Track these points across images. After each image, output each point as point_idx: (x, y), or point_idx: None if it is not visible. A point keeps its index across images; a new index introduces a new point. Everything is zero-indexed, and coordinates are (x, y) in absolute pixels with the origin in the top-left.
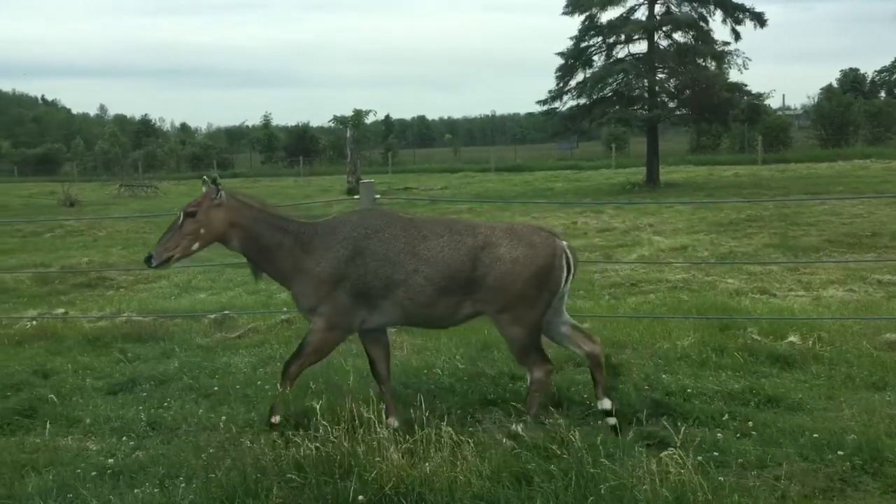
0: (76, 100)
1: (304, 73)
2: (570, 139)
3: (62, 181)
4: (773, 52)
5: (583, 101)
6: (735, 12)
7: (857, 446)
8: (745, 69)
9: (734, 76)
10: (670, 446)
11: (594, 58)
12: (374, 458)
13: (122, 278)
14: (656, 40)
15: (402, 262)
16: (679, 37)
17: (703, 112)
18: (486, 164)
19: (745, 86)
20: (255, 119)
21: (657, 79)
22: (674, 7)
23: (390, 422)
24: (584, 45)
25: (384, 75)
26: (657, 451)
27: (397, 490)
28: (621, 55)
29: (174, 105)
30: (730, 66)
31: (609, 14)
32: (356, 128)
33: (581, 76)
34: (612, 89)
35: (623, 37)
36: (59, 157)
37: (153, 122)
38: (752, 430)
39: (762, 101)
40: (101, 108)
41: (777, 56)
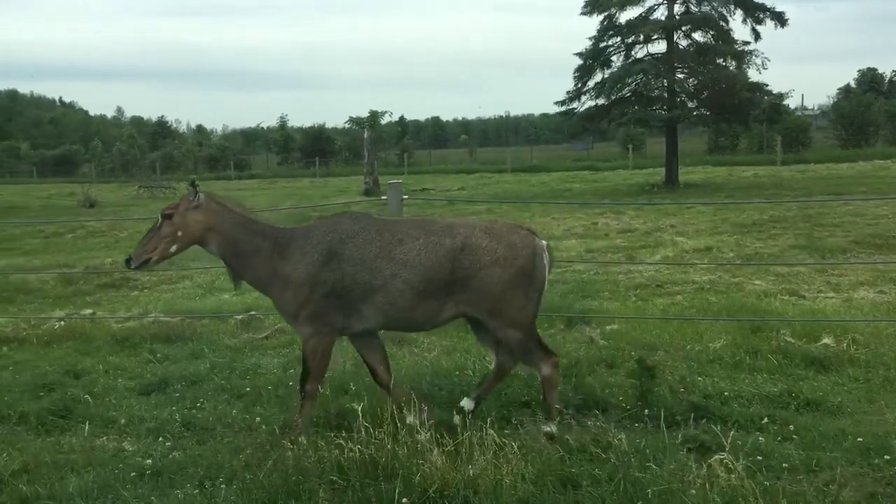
0: (93, 101)
1: (318, 74)
2: (586, 140)
3: (81, 182)
4: (788, 52)
5: (601, 102)
6: (755, 12)
7: None
8: (765, 69)
9: (753, 76)
10: (712, 450)
11: (612, 58)
12: (417, 461)
13: (146, 279)
14: (675, 40)
15: (379, 267)
16: (699, 36)
17: (724, 112)
18: (503, 164)
19: (766, 85)
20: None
21: (676, 79)
22: (693, 7)
23: (410, 420)
24: (602, 45)
25: (398, 76)
26: (699, 454)
27: (441, 493)
28: (640, 55)
29: (190, 107)
30: (749, 66)
31: (628, 14)
32: (372, 129)
33: (599, 76)
34: (630, 90)
35: (642, 37)
36: (77, 159)
37: (169, 123)
38: (794, 434)
39: (783, 102)
40: (118, 109)
41: (792, 56)
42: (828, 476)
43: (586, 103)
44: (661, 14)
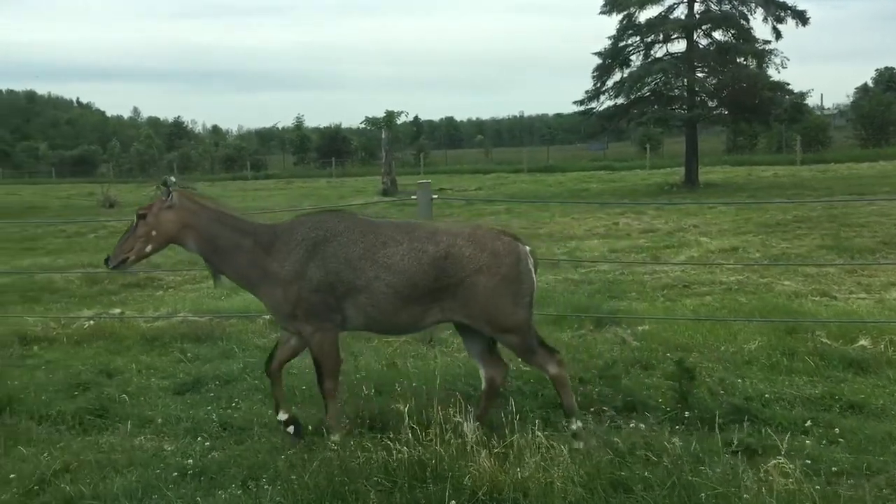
0: (110, 102)
1: (330, 74)
2: (602, 140)
3: (99, 182)
4: (804, 51)
5: (620, 101)
6: (776, 10)
7: None
8: (784, 68)
9: (772, 75)
10: (758, 453)
11: (632, 57)
12: (466, 463)
13: (170, 278)
14: (695, 39)
15: (362, 268)
16: (719, 35)
17: (744, 112)
18: (519, 164)
19: (788, 85)
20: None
21: (697, 78)
22: (713, 5)
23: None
24: (621, 44)
25: (411, 77)
26: (746, 458)
27: (491, 495)
28: (659, 55)
29: (205, 107)
30: (769, 65)
31: (647, 13)
32: (389, 129)
33: (618, 76)
34: (650, 89)
35: (661, 36)
36: (95, 159)
37: (185, 124)
38: (840, 438)
39: (804, 101)
40: (135, 110)
41: (808, 55)
42: (882, 480)
43: (605, 103)
44: (680, 13)
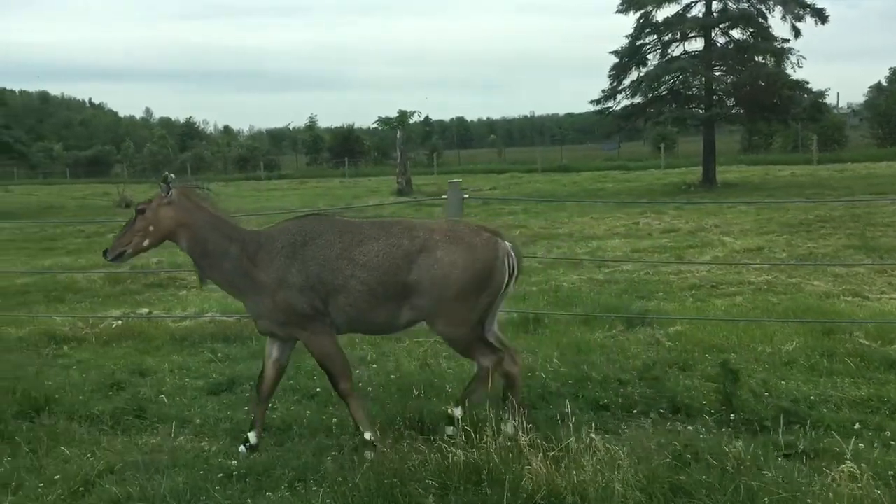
0: (122, 103)
1: (341, 75)
2: (614, 139)
3: (114, 183)
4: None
5: (637, 100)
6: (795, 8)
7: None
8: (800, 67)
9: (790, 74)
10: (809, 456)
11: (648, 56)
12: (521, 466)
13: (193, 278)
14: (713, 38)
15: (339, 268)
16: (736, 34)
17: (763, 111)
18: (532, 164)
19: (807, 83)
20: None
21: (714, 76)
22: (731, 4)
23: (251, 436)
24: (639, 43)
25: (422, 77)
26: (797, 461)
27: (548, 499)
28: (676, 53)
29: (216, 108)
30: (787, 64)
31: (664, 12)
32: (403, 128)
33: (635, 75)
34: (667, 88)
35: (678, 34)
36: (109, 159)
37: (197, 124)
38: (892, 440)
39: (824, 100)
40: (147, 110)
41: (819, 53)
42: None
43: (622, 102)
44: (698, 11)
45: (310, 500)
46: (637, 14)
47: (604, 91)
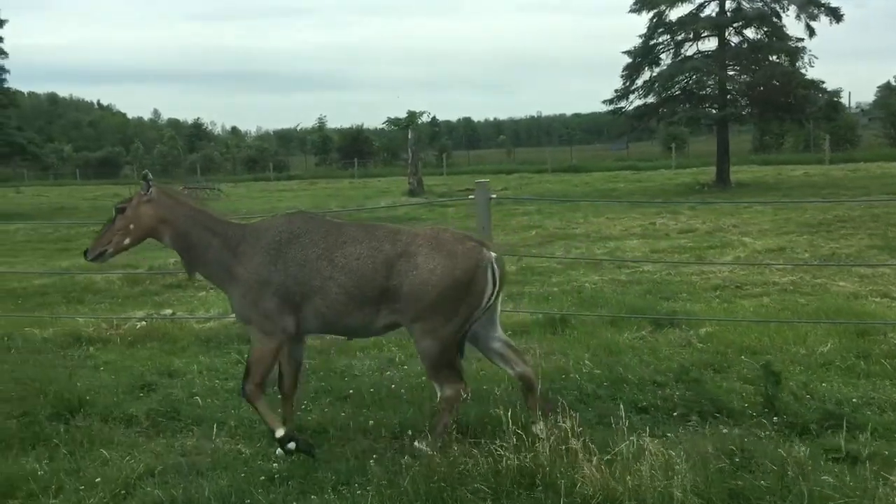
0: (130, 104)
1: (347, 76)
2: (622, 139)
3: (124, 184)
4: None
5: (650, 100)
6: (810, 7)
7: None
8: (811, 66)
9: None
10: (859, 460)
11: (661, 56)
12: (574, 470)
13: None
14: (727, 37)
15: (318, 269)
16: (750, 33)
17: (777, 110)
18: (542, 164)
19: (823, 83)
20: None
21: (729, 76)
22: (745, 3)
23: (279, 432)
24: (652, 42)
25: (428, 77)
26: (844, 465)
27: None
28: (689, 53)
29: (224, 109)
30: (802, 64)
31: (678, 11)
32: (414, 129)
33: (648, 75)
34: (680, 88)
35: (692, 34)
36: (119, 161)
37: (205, 125)
38: None
39: (839, 99)
40: (155, 112)
41: (827, 53)
42: None
43: (634, 102)
44: (711, 11)
45: None
46: (650, 14)
47: (616, 91)
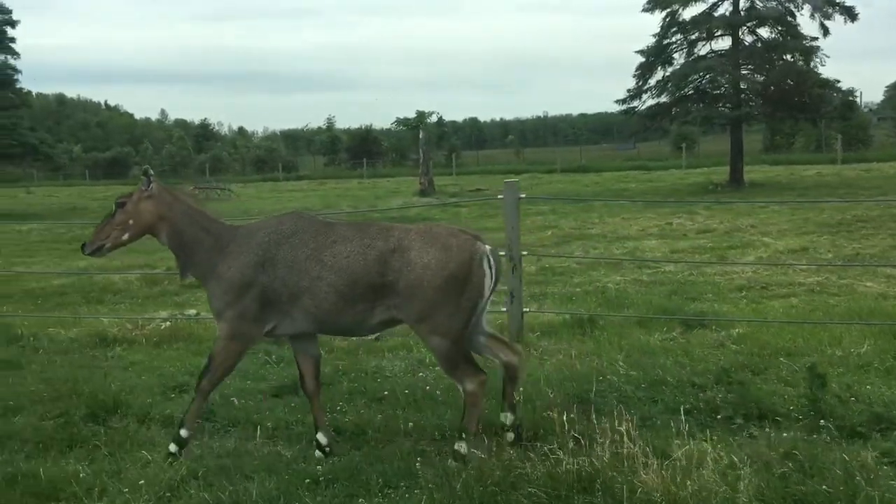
0: (137, 104)
1: (352, 76)
2: (629, 139)
3: (133, 184)
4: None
5: (663, 100)
6: (824, 6)
7: None
8: (822, 65)
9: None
10: None
11: (674, 55)
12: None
13: None
14: (741, 36)
15: (307, 269)
16: (764, 32)
17: (792, 110)
18: (551, 165)
19: (838, 82)
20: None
21: (743, 75)
22: (759, 2)
23: (319, 437)
24: (665, 42)
25: (431, 78)
26: None
27: None
28: (702, 52)
29: (230, 109)
30: (818, 63)
31: (691, 11)
32: (424, 129)
33: (660, 74)
34: (693, 87)
35: (705, 33)
36: (128, 161)
37: (212, 126)
38: None
39: (854, 98)
40: (162, 112)
41: (835, 52)
42: None
43: (647, 101)
44: (724, 10)
45: None
46: (663, 13)
47: (629, 90)
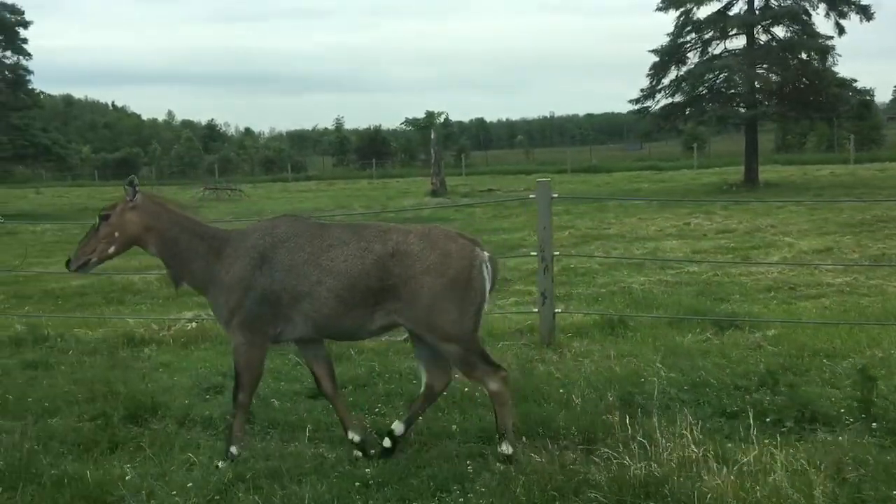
0: (143, 105)
1: (355, 77)
2: (636, 140)
3: (143, 185)
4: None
5: (677, 100)
6: (840, 5)
7: None
8: (835, 65)
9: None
10: None
11: (688, 55)
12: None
13: None
14: (755, 35)
15: (306, 273)
16: (779, 31)
17: (808, 109)
18: (561, 165)
19: (855, 81)
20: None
21: (758, 74)
22: (774, 1)
23: (351, 436)
24: (679, 41)
25: (440, 79)
26: None
27: None
28: (716, 52)
29: (236, 110)
30: (834, 62)
31: (705, 10)
32: (437, 129)
33: (674, 73)
34: (707, 86)
35: (720, 32)
36: (137, 162)
37: (218, 127)
38: None
39: (872, 98)
40: (169, 113)
41: (842, 52)
42: None
43: (661, 101)
44: (739, 9)
45: None
46: (677, 12)
47: (642, 90)
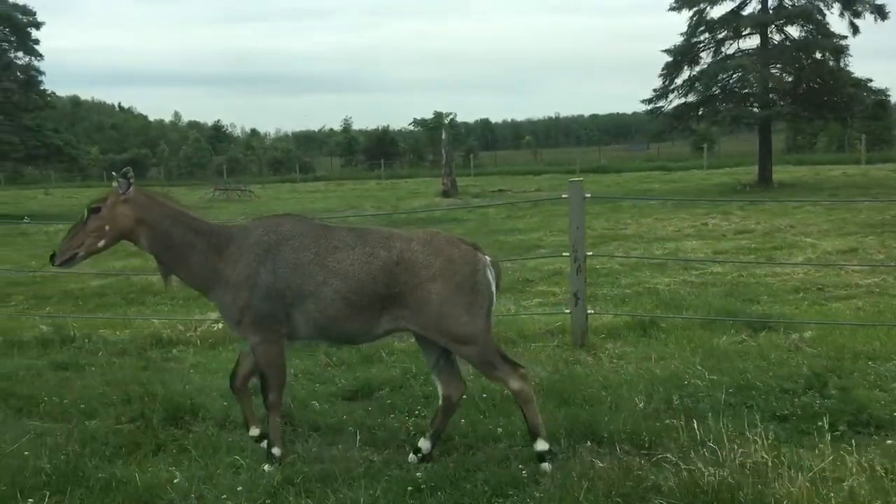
0: (150, 106)
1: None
2: (642, 140)
3: (151, 185)
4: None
5: (690, 100)
6: (854, 4)
7: None
8: (848, 66)
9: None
10: None
11: (702, 55)
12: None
13: None
14: (769, 35)
15: (311, 273)
16: (793, 31)
17: (823, 109)
18: (570, 165)
19: (870, 81)
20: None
21: (773, 73)
22: (788, 0)
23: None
24: (692, 41)
25: (445, 79)
26: None
27: None
28: (729, 51)
29: (241, 110)
30: (848, 62)
31: (719, 10)
32: (446, 129)
33: (687, 73)
34: (721, 86)
35: (733, 32)
36: (145, 162)
37: (224, 127)
38: None
39: (888, 98)
40: (176, 114)
41: (861, 52)
42: None
43: (673, 101)
44: (753, 8)
45: None
46: (690, 12)
47: (655, 90)
